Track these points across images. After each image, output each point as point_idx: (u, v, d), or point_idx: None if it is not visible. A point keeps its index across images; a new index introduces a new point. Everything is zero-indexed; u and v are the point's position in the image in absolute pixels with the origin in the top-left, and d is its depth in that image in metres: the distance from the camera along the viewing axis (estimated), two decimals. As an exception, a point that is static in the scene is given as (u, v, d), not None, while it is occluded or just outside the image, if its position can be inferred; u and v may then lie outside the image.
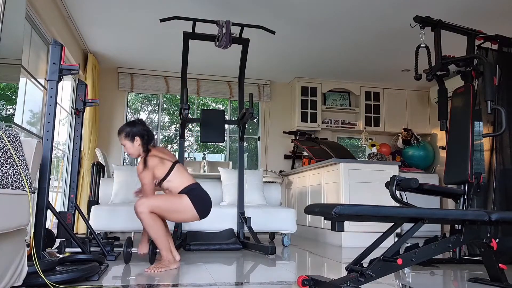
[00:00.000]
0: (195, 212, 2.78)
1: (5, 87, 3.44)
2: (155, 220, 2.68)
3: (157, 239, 2.69)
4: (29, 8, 3.76)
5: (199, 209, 2.79)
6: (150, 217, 2.65)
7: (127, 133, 2.83)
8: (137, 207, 2.65)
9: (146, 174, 2.76)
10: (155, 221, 2.68)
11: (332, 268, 2.91)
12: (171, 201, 2.76)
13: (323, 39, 5.20)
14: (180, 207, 2.76)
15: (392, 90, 6.97)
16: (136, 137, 2.83)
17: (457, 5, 4.22)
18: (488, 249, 2.23)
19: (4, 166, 1.79)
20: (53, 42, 2.55)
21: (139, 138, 2.83)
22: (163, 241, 2.71)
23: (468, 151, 3.30)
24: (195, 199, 2.78)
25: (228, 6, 4.35)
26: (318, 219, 4.96)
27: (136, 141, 2.83)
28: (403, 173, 6.19)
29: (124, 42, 5.40)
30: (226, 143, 7.00)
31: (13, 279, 1.78)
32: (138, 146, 2.84)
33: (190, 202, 2.75)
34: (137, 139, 2.83)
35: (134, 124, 2.88)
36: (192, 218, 2.83)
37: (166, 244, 2.72)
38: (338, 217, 1.81)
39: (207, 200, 2.88)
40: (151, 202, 2.67)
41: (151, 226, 2.66)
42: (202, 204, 2.82)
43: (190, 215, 2.79)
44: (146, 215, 2.64)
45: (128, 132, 2.83)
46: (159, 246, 2.72)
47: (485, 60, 3.37)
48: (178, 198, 2.77)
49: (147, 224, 2.66)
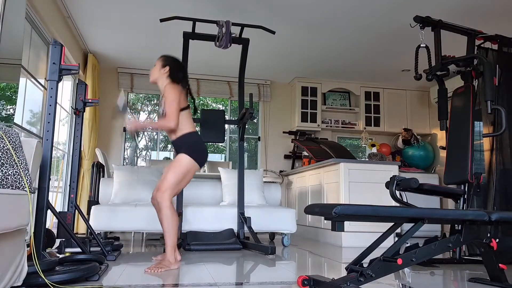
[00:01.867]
0: (196, 164, 2.83)
1: (5, 87, 3.44)
2: (174, 214, 2.71)
3: (170, 232, 2.71)
4: (29, 8, 3.76)
5: (198, 159, 2.83)
6: (171, 211, 2.70)
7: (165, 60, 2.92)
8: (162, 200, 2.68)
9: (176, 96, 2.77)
10: (173, 216, 2.71)
11: (332, 268, 2.91)
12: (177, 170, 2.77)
13: (323, 39, 5.20)
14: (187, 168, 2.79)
15: (392, 90, 6.97)
16: (167, 67, 2.89)
17: (457, 5, 4.22)
18: (488, 249, 2.23)
19: (4, 166, 1.79)
20: (53, 42, 2.55)
21: (168, 69, 2.88)
22: (174, 238, 2.73)
23: (468, 151, 3.30)
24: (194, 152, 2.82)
25: (228, 6, 4.35)
26: (318, 219, 4.96)
27: (164, 69, 2.89)
28: (403, 173, 6.19)
29: (124, 42, 5.40)
30: (226, 143, 7.00)
31: (13, 279, 1.78)
32: (162, 74, 2.89)
33: (190, 158, 2.79)
34: (167, 68, 2.89)
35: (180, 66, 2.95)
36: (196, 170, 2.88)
37: (175, 241, 2.74)
38: (338, 217, 1.81)
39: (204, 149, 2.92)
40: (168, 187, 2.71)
41: (168, 218, 2.69)
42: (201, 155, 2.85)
43: (194, 169, 2.85)
44: (169, 210, 2.69)
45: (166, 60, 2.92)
46: (167, 242, 2.71)
47: (485, 60, 3.37)
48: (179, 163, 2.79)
49: (167, 217, 2.68)
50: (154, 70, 2.93)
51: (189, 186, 4.57)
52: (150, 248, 3.93)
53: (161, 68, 2.91)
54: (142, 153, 8.01)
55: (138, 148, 3.01)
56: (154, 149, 7.38)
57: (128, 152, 7.16)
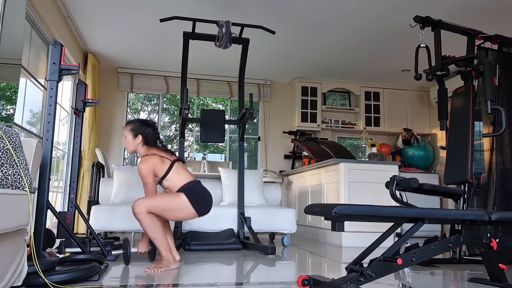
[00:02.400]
0: (193, 210, 2.78)
1: (5, 87, 3.44)
2: (152, 220, 2.67)
3: (156, 239, 2.69)
4: (29, 8, 3.76)
5: (197, 206, 2.78)
6: (147, 217, 2.65)
7: (133, 129, 2.87)
8: (134, 208, 2.65)
9: (148, 172, 2.75)
10: (153, 221, 2.67)
11: (332, 268, 2.91)
12: (168, 200, 2.76)
13: (323, 39, 5.20)
14: (177, 206, 2.76)
15: (392, 90, 6.97)
16: (139, 135, 2.86)
17: (457, 5, 4.22)
18: (488, 249, 2.23)
19: (4, 166, 1.79)
20: (53, 42, 2.55)
21: (141, 137, 2.86)
22: (162, 241, 2.70)
23: (468, 151, 3.30)
24: (192, 196, 2.77)
25: (228, 6, 4.35)
26: (318, 219, 4.96)
27: (138, 138, 2.86)
28: (403, 173, 6.19)
29: (124, 42, 5.40)
30: (226, 143, 7.00)
31: (13, 279, 1.78)
32: (137, 144, 2.87)
33: (187, 200, 2.75)
34: (139, 138, 2.86)
35: (145, 123, 2.92)
36: (190, 216, 2.83)
37: (165, 244, 2.72)
38: (338, 217, 1.81)
39: (207, 198, 2.88)
40: (148, 202, 2.67)
41: (149, 226, 2.66)
42: (201, 202, 2.81)
43: (188, 213, 2.79)
44: (144, 216, 2.64)
45: (134, 128, 2.87)
46: (158, 247, 2.72)
47: (485, 60, 3.37)
48: (175, 197, 2.77)
49: (145, 224, 2.66)
50: (128, 142, 2.88)
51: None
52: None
53: (133, 138, 2.86)
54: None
55: None
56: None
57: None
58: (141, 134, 2.86)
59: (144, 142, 2.87)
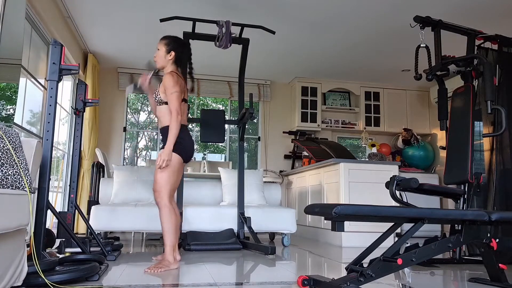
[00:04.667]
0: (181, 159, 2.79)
1: (5, 87, 3.44)
2: (171, 215, 2.70)
3: (168, 233, 2.70)
4: (29, 8, 3.76)
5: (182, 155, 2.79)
6: (169, 211, 2.69)
7: (168, 43, 2.85)
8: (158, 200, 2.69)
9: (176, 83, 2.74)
10: (171, 216, 2.70)
11: (332, 268, 2.91)
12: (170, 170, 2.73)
13: (323, 39, 5.20)
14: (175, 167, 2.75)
15: (392, 90, 6.97)
16: (172, 52, 2.84)
17: (457, 5, 4.22)
18: (488, 249, 2.22)
19: (4, 166, 1.79)
20: (53, 42, 2.55)
21: (174, 54, 2.84)
22: (173, 237, 2.72)
23: (468, 151, 3.30)
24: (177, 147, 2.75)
25: (228, 6, 4.35)
26: (318, 219, 4.96)
27: (170, 54, 2.84)
28: (403, 173, 6.19)
29: (124, 42, 5.40)
30: (226, 143, 7.00)
31: (13, 279, 1.78)
32: (168, 60, 2.85)
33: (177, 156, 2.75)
34: (172, 54, 2.84)
35: (182, 43, 2.91)
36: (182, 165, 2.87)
37: (173, 242, 2.73)
38: (338, 217, 1.81)
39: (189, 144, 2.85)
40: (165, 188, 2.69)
41: (166, 220, 2.69)
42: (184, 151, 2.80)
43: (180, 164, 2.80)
44: (167, 209, 2.68)
45: (169, 43, 2.85)
46: (166, 242, 2.70)
47: (485, 60, 3.37)
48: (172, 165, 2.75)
49: (165, 216, 2.68)
50: (159, 56, 2.86)
51: (189, 186, 4.58)
52: (150, 248, 3.93)
53: (166, 54, 2.84)
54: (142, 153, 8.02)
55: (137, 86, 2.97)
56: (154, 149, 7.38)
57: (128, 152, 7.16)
58: (174, 51, 2.84)
59: (175, 60, 2.85)
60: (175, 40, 2.89)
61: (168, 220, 2.69)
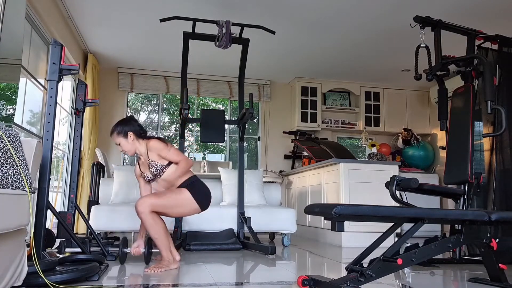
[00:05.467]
0: (196, 205, 2.81)
1: (5, 87, 3.44)
2: (155, 220, 2.68)
3: (158, 238, 2.69)
4: (29, 8, 3.76)
5: (200, 201, 2.81)
6: (151, 216, 2.65)
7: (119, 131, 2.82)
8: (138, 207, 2.65)
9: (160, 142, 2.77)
10: (156, 221, 2.68)
11: (332, 268, 2.91)
12: (172, 197, 2.76)
13: (323, 39, 5.20)
14: (181, 202, 2.77)
15: (392, 90, 6.97)
16: (129, 133, 2.81)
17: (457, 5, 4.22)
18: (488, 249, 2.23)
19: (4, 166, 1.79)
20: (53, 42, 2.55)
21: (132, 134, 2.82)
22: (164, 240, 2.71)
23: (468, 151, 3.30)
24: (195, 192, 2.79)
25: (228, 6, 4.35)
26: (318, 219, 4.96)
27: (129, 136, 2.81)
28: (403, 173, 6.19)
29: (124, 42, 5.40)
30: (226, 143, 7.00)
31: (13, 279, 1.78)
32: (132, 142, 2.82)
33: (190, 196, 2.77)
34: (130, 135, 2.81)
35: (125, 121, 2.87)
36: (193, 211, 2.85)
37: (166, 243, 2.72)
38: (338, 217, 1.81)
39: (207, 192, 2.91)
40: (152, 200, 2.67)
41: (152, 226, 2.66)
42: (203, 197, 2.84)
43: (191, 209, 2.82)
44: (147, 215, 2.64)
45: (120, 130, 2.82)
46: (159, 246, 2.71)
47: (485, 60, 3.37)
48: (179, 193, 2.77)
49: (148, 224, 2.66)
50: (124, 145, 2.82)
51: (189, 186, 4.57)
52: (150, 248, 3.92)
53: (126, 139, 2.81)
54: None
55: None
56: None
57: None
58: (129, 131, 2.82)
59: (137, 136, 2.83)
60: (120, 123, 2.86)
61: (152, 225, 2.65)
